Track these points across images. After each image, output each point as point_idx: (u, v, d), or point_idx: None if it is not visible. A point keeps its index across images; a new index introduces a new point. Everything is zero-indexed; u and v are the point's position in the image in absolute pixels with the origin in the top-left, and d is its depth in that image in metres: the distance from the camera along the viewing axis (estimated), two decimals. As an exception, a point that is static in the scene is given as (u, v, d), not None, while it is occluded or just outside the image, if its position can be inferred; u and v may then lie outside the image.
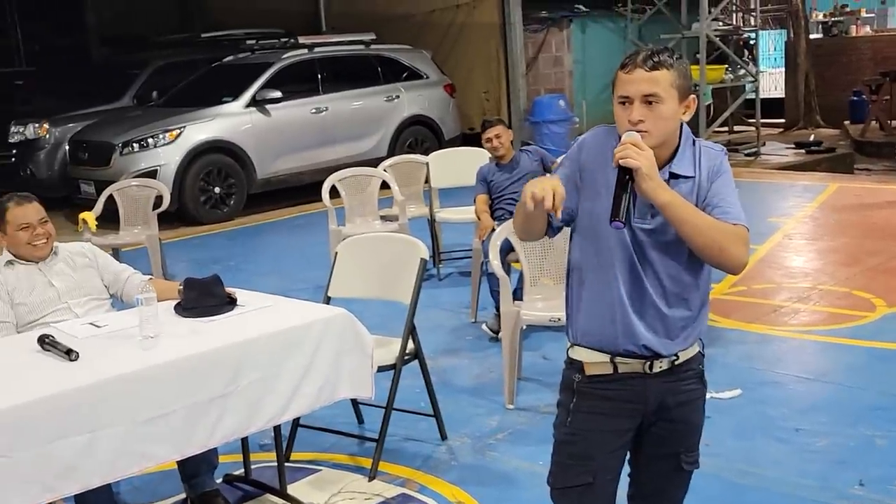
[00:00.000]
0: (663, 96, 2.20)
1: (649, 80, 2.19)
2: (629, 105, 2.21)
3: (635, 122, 2.19)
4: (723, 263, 2.23)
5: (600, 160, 2.26)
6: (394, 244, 4.19)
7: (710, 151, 2.31)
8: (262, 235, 9.22)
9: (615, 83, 2.27)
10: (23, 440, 2.58)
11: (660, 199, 2.15)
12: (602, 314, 2.29)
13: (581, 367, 2.35)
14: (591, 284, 2.30)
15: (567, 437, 2.38)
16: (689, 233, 2.17)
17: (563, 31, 13.97)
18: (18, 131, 10.80)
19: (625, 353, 2.28)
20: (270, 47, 11.43)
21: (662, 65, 2.20)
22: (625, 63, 2.25)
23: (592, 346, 2.32)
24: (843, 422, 4.12)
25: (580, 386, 2.35)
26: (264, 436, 3.86)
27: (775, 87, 17.79)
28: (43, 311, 3.59)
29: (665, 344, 2.29)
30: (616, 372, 2.31)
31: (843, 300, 5.91)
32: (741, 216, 2.24)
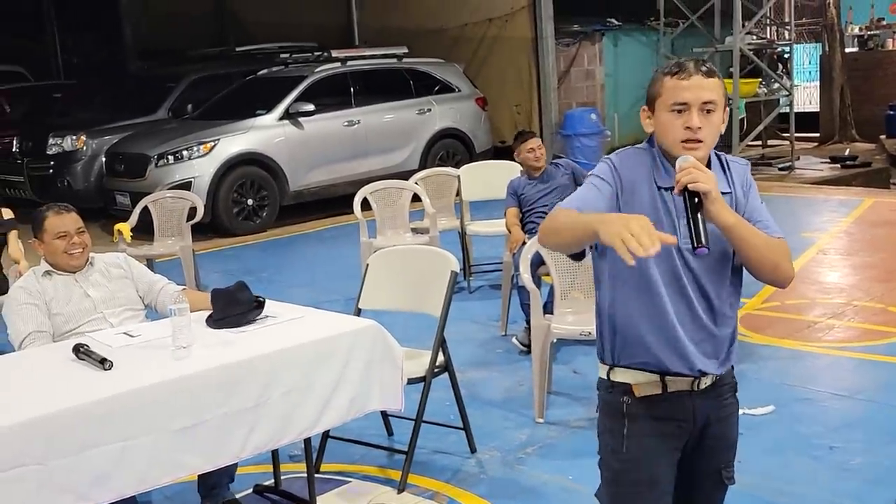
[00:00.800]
0: (718, 104, 2.17)
1: (707, 86, 2.15)
2: (685, 112, 2.15)
3: (696, 129, 2.14)
4: (775, 279, 2.23)
5: (638, 180, 2.20)
6: (424, 257, 4.21)
7: (737, 165, 2.28)
8: (294, 247, 9.27)
9: (660, 90, 2.19)
10: (57, 448, 2.61)
11: (726, 221, 2.10)
12: (650, 334, 2.21)
13: (628, 389, 2.27)
14: (634, 304, 2.22)
15: (627, 464, 2.28)
16: (750, 253, 2.15)
17: (594, 44, 13.95)
18: (56, 143, 10.95)
19: (675, 373, 2.23)
20: (304, 61, 11.53)
21: (714, 73, 2.18)
22: (675, 70, 2.18)
23: (640, 366, 2.25)
24: (878, 440, 4.06)
25: (630, 409, 2.27)
26: (294, 447, 3.87)
27: (810, 100, 17.62)
28: (79, 320, 3.64)
29: (715, 364, 2.26)
30: (665, 391, 2.25)
31: (879, 316, 5.83)
32: (779, 229, 2.24)
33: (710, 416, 2.30)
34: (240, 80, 11.57)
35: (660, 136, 2.22)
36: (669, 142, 2.18)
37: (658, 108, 2.20)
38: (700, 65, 2.17)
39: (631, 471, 2.28)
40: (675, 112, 2.16)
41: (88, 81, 14.73)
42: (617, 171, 2.22)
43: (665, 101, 2.18)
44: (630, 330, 2.24)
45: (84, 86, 14.43)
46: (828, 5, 15.05)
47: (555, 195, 5.60)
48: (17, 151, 11.49)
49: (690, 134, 2.14)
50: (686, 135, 2.14)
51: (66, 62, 16.70)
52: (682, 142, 2.16)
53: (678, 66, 2.18)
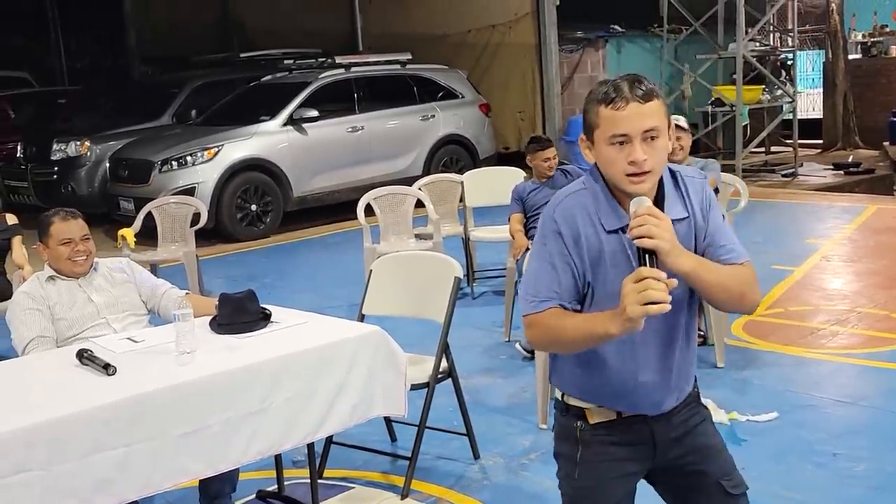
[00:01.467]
0: (661, 129, 1.99)
1: (646, 113, 1.97)
2: (627, 144, 1.97)
3: (640, 163, 1.97)
4: (741, 309, 2.16)
5: (583, 232, 2.06)
6: (428, 262, 4.21)
7: (693, 182, 2.14)
8: (298, 253, 9.28)
9: (597, 121, 2.01)
10: (60, 453, 2.62)
11: (683, 269, 1.96)
12: (613, 382, 2.13)
13: (582, 413, 2.20)
14: (598, 348, 2.09)
15: (580, 490, 2.23)
16: (713, 293, 2.05)
17: (598, 51, 13.97)
18: (60, 149, 10.98)
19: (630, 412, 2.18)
20: (308, 67, 11.56)
21: (653, 93, 1.99)
22: (608, 98, 1.98)
23: (597, 403, 2.18)
24: (882, 447, 4.05)
25: (584, 435, 2.20)
26: (297, 452, 3.87)
27: (813, 107, 17.63)
28: (82, 326, 3.65)
29: (671, 401, 2.19)
30: (620, 417, 2.18)
31: (882, 323, 5.82)
32: (744, 251, 2.12)
33: (673, 435, 2.21)
34: (244, 86, 11.60)
35: (603, 168, 2.06)
36: (615, 175, 2.02)
37: (597, 139, 2.03)
38: (636, 87, 1.98)
39: (585, 498, 2.24)
40: (616, 145, 1.99)
41: (92, 87, 14.78)
42: (562, 234, 2.07)
43: (604, 132, 2.00)
44: (581, 372, 2.16)
45: (88, 91, 14.48)
46: (831, 12, 15.06)
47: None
48: (21, 157, 11.52)
49: (636, 168, 1.98)
50: (631, 169, 1.98)
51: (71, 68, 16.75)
52: (627, 175, 2.00)
53: (613, 89, 1.99)
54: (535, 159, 5.66)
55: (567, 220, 2.08)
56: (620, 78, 2.04)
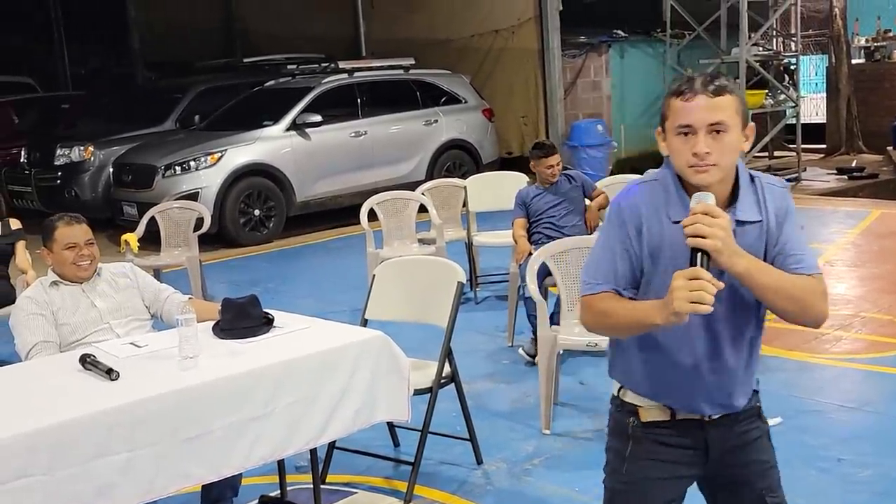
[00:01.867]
0: (729, 124, 2.01)
1: (714, 106, 2.00)
2: (692, 136, 2.01)
3: (702, 155, 2.00)
4: (805, 320, 2.10)
5: (647, 221, 2.09)
6: (431, 267, 4.20)
7: (774, 189, 2.13)
8: (301, 258, 9.29)
9: (667, 112, 2.06)
10: (63, 459, 2.61)
11: (737, 269, 1.97)
12: (669, 374, 2.15)
13: (635, 410, 2.21)
14: (657, 342, 2.13)
15: (623, 486, 2.25)
16: (770, 298, 2.03)
17: (601, 56, 13.97)
18: (64, 154, 11.00)
19: (685, 411, 2.17)
20: (311, 72, 11.57)
21: (725, 89, 2.02)
22: (681, 89, 2.04)
23: (653, 399, 2.19)
24: (886, 452, 4.04)
25: (635, 431, 2.21)
26: (300, 457, 3.86)
27: (816, 112, 17.61)
28: (85, 331, 3.65)
29: (726, 406, 2.18)
30: (674, 418, 2.19)
31: (887, 328, 5.81)
32: (815, 263, 2.10)
33: (731, 444, 2.21)
34: (247, 92, 11.61)
35: (672, 159, 2.10)
36: (680, 166, 2.07)
37: (668, 130, 2.08)
38: (708, 82, 2.02)
39: (625, 493, 2.25)
40: (682, 135, 2.03)
41: (96, 92, 14.80)
42: (626, 223, 2.11)
43: (672, 123, 2.06)
44: (648, 363, 2.18)
45: (92, 96, 14.51)
46: (834, 17, 15.05)
47: (563, 207, 5.61)
48: (24, 162, 11.55)
49: (697, 160, 2.01)
50: (693, 160, 2.02)
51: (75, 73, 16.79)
52: (690, 167, 2.04)
53: (685, 84, 2.05)
54: (539, 166, 5.64)
55: (632, 209, 2.12)
56: (698, 74, 2.10)
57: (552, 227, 5.55)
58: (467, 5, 14.10)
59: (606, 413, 2.36)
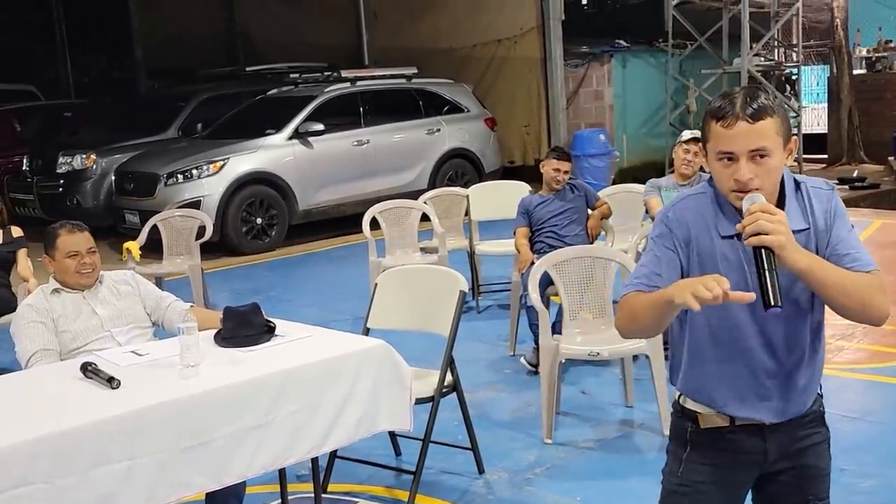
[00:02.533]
0: (771, 148, 1.97)
1: (755, 133, 1.95)
2: (733, 162, 1.98)
3: (745, 182, 1.96)
4: (866, 319, 2.08)
5: (696, 234, 2.07)
6: (433, 276, 4.20)
7: (819, 192, 2.11)
8: (303, 266, 9.29)
9: (708, 135, 2.02)
10: (63, 467, 2.61)
11: (799, 266, 1.93)
12: (727, 383, 2.13)
13: (694, 417, 2.20)
14: (714, 350, 2.12)
15: (677, 487, 2.24)
16: (831, 294, 2.00)
17: (603, 65, 14.00)
18: (66, 162, 11.02)
19: (744, 416, 2.15)
20: (313, 81, 11.60)
21: (765, 111, 1.96)
22: (720, 114, 1.98)
23: (711, 406, 2.17)
24: (889, 462, 4.03)
25: (693, 436, 2.20)
26: (301, 466, 3.86)
27: (818, 122, 17.62)
28: (86, 338, 3.64)
29: (786, 412, 2.16)
30: (733, 425, 2.16)
31: (888, 338, 5.80)
32: (871, 260, 2.08)
33: (791, 448, 2.19)
34: (249, 100, 11.64)
35: (715, 181, 2.08)
36: (723, 190, 2.04)
37: (709, 151, 2.05)
38: (747, 105, 1.96)
39: (680, 494, 2.24)
40: (724, 161, 2.00)
41: (99, 100, 14.83)
42: (673, 232, 2.09)
43: (713, 147, 2.02)
44: (708, 371, 2.15)
45: (94, 105, 14.53)
46: (836, 27, 15.08)
47: (566, 216, 5.61)
48: (27, 170, 11.57)
49: (740, 186, 1.98)
50: (736, 185, 1.99)
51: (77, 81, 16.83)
52: (732, 192, 2.01)
53: (727, 105, 1.98)
54: (547, 165, 5.65)
55: (679, 221, 2.10)
56: (738, 91, 2.03)
57: (554, 237, 5.55)
58: (470, 15, 14.14)
59: (609, 422, 2.36)
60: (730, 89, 2.08)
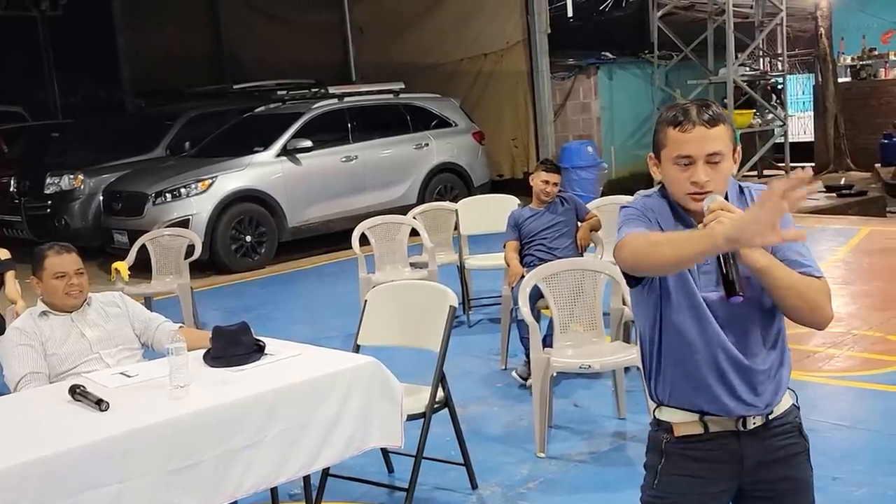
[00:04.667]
0: (725, 153, 2.09)
1: (712, 137, 2.07)
2: (690, 166, 2.08)
3: (702, 184, 2.06)
4: (813, 322, 2.13)
5: (666, 223, 2.16)
6: (423, 292, 4.20)
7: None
8: (293, 283, 9.27)
9: (664, 142, 2.12)
10: (53, 491, 2.59)
11: (760, 265, 2.01)
12: (689, 375, 2.17)
13: (669, 427, 2.22)
14: (676, 345, 2.17)
15: (653, 499, 2.27)
16: (785, 295, 2.06)
17: (590, 77, 14.06)
18: (54, 182, 10.98)
19: (714, 412, 2.17)
20: (301, 97, 11.60)
21: (719, 119, 2.09)
22: (677, 120, 2.09)
23: (681, 405, 2.21)
24: (881, 470, 4.03)
25: (669, 447, 2.23)
26: (294, 485, 3.84)
27: (804, 130, 17.74)
28: (75, 361, 3.63)
29: (758, 406, 2.17)
30: (707, 431, 2.18)
31: (878, 345, 5.82)
32: (818, 266, 2.14)
33: (768, 458, 2.19)
34: (237, 118, 11.63)
35: (668, 187, 2.17)
36: (677, 194, 2.13)
37: (663, 159, 2.14)
38: (703, 112, 2.08)
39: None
40: (681, 165, 2.09)
41: (86, 120, 14.80)
42: (645, 214, 2.17)
43: (669, 153, 2.12)
44: (673, 367, 2.19)
45: (82, 125, 14.50)
46: (820, 36, 15.19)
47: (556, 229, 5.61)
48: (14, 191, 11.52)
49: (697, 188, 2.08)
50: (692, 189, 2.08)
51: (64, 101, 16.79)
52: (688, 195, 2.10)
53: (681, 113, 2.10)
54: (536, 178, 5.66)
55: (647, 208, 2.19)
56: (691, 102, 2.16)
57: (544, 250, 5.55)
58: (456, 29, 14.19)
59: (601, 435, 2.36)
60: (682, 102, 2.18)
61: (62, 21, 16.26)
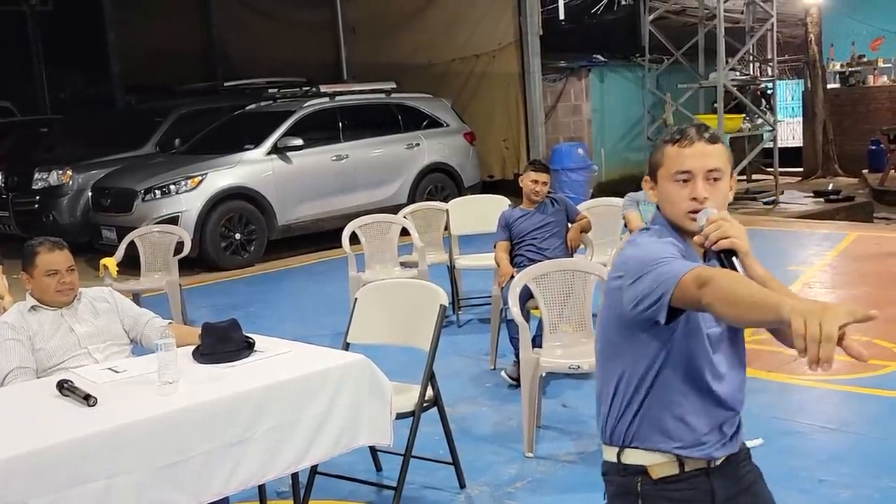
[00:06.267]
0: (724, 172, 2.06)
1: (711, 153, 2.04)
2: (690, 182, 2.03)
3: (702, 200, 2.01)
4: None
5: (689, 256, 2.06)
6: (413, 290, 4.20)
7: None
8: (282, 281, 9.25)
9: (662, 160, 2.07)
10: (39, 486, 2.58)
11: (759, 272, 1.98)
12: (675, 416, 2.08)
13: (641, 470, 2.14)
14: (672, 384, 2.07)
15: None
16: None
17: (581, 80, 14.09)
18: (42, 178, 10.93)
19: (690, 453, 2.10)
20: (292, 96, 11.58)
21: (717, 139, 2.06)
22: (677, 137, 2.06)
23: (650, 447, 2.11)
24: (867, 473, 4.05)
25: (645, 490, 2.13)
26: (281, 483, 3.84)
27: (793, 136, 17.81)
28: (63, 356, 3.61)
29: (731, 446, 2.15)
30: (682, 471, 2.12)
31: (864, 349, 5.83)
32: None
33: (732, 490, 2.17)
34: (228, 115, 11.60)
35: (665, 207, 2.10)
36: (675, 213, 2.07)
37: (661, 178, 2.09)
38: (703, 131, 2.06)
39: None
40: (680, 182, 2.04)
41: (76, 116, 14.74)
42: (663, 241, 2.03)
43: (668, 170, 2.06)
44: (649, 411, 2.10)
45: (71, 120, 14.44)
46: (810, 42, 15.26)
47: (547, 230, 5.63)
48: (2, 186, 11.46)
49: (697, 205, 2.02)
50: (692, 206, 2.03)
51: (54, 97, 16.72)
52: (688, 212, 2.04)
53: (680, 132, 2.08)
54: (525, 178, 5.68)
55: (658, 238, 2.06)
56: (687, 125, 2.12)
57: (534, 250, 5.56)
58: (448, 30, 14.19)
59: (589, 436, 2.34)
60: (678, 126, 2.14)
61: (52, 16, 16.19)
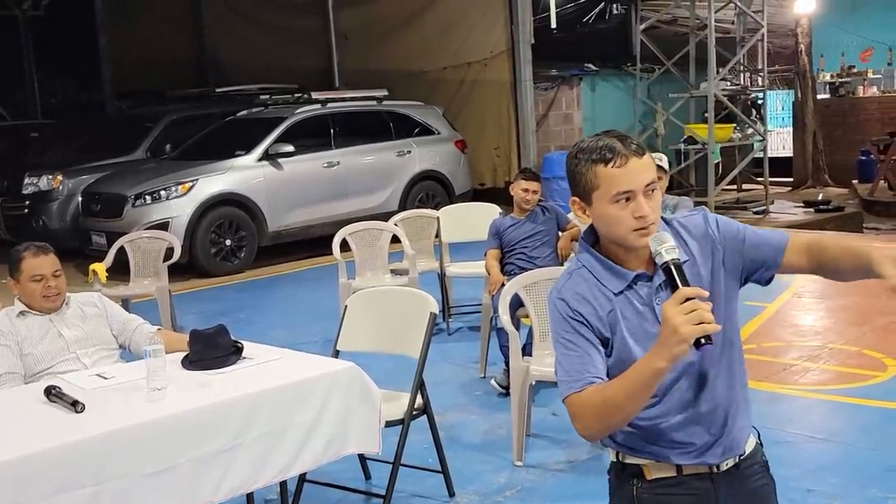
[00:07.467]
0: (656, 179, 2.04)
1: (645, 167, 1.98)
2: (631, 201, 1.96)
3: (648, 215, 1.96)
4: None
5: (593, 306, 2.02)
6: (403, 298, 4.20)
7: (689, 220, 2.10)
8: (273, 288, 9.23)
9: (596, 182, 1.97)
10: (27, 492, 2.57)
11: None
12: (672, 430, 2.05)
13: (639, 471, 2.09)
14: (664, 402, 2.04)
15: None
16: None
17: (573, 88, 14.12)
18: (32, 182, 10.89)
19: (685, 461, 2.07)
20: (284, 102, 11.58)
21: (643, 148, 2.01)
22: (608, 157, 1.95)
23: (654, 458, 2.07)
24: (855, 483, 4.06)
25: (641, 493, 2.08)
26: (270, 491, 3.82)
27: (783, 146, 17.88)
28: (51, 361, 3.60)
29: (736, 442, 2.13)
30: (680, 474, 2.07)
31: (854, 359, 5.87)
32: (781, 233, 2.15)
33: (738, 498, 2.11)
34: (219, 121, 11.59)
35: (606, 229, 2.03)
36: (621, 233, 1.99)
37: (596, 200, 1.99)
38: (627, 144, 1.98)
39: None
40: (622, 202, 1.96)
41: (66, 121, 14.69)
42: (574, 311, 2.02)
43: (606, 192, 1.97)
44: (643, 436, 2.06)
45: (62, 125, 14.39)
46: (800, 53, 15.33)
47: (537, 238, 5.63)
48: (-8, 191, 11.42)
49: (643, 222, 1.96)
50: (639, 223, 1.96)
51: (45, 101, 16.67)
52: (634, 230, 1.98)
53: (608, 150, 1.96)
54: (516, 186, 5.70)
55: (576, 297, 2.04)
56: (604, 136, 2.01)
57: (525, 259, 5.57)
58: (441, 37, 14.21)
59: (579, 444, 2.34)
60: (591, 139, 2.03)
61: (43, 21, 16.13)
